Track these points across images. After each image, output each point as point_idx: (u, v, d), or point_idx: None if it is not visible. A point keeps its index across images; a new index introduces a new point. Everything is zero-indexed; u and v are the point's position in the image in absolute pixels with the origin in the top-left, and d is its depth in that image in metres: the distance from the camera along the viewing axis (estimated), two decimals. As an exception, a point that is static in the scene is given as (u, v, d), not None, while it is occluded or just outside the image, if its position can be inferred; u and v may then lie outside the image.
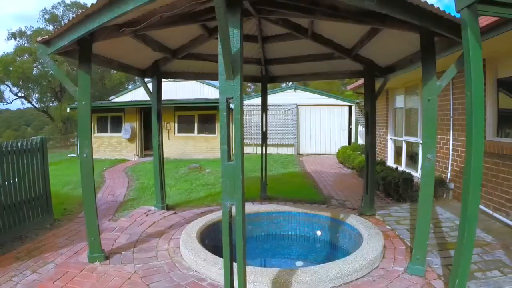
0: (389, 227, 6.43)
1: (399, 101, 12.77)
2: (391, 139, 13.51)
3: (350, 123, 21.18)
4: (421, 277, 4.44)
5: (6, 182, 6.17)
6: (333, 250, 6.51)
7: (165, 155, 19.49)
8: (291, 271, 4.32)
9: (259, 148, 19.82)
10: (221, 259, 3.81)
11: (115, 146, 20.81)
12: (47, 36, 4.56)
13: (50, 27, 43.78)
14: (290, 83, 23.53)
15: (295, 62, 8.00)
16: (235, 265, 3.39)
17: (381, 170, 9.75)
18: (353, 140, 20.93)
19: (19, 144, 6.51)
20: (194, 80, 8.57)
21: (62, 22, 44.46)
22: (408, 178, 8.50)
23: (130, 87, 43.85)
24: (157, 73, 7.60)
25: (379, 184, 9.33)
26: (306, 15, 4.78)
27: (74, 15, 4.00)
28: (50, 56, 4.64)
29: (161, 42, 6.57)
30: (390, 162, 13.39)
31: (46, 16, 44.54)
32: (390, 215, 7.19)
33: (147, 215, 7.44)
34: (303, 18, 5.47)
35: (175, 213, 7.66)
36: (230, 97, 3.23)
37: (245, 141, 19.69)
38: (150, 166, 15.94)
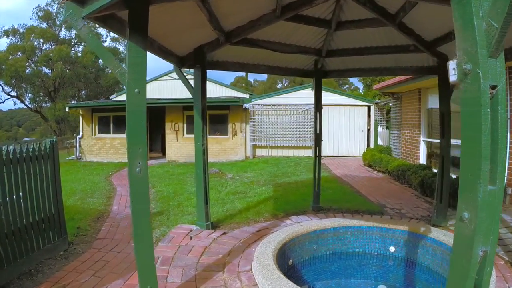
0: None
1: (436, 101, 11.60)
2: (423, 141, 12.80)
3: (368, 124, 19.97)
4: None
5: (8, 199, 4.68)
6: (414, 270, 5.71)
7: (173, 158, 18.52)
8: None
9: (275, 151, 19.06)
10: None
11: (118, 148, 19.28)
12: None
13: (44, 25, 42.52)
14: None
15: (359, 54, 7.03)
16: None
17: (432, 175, 9.01)
18: (371, 141, 19.76)
19: (24, 149, 5.01)
20: (240, 71, 7.50)
21: (56, 20, 43.44)
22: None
23: (125, 87, 42.49)
24: (201, 61, 6.09)
25: (432, 190, 8.51)
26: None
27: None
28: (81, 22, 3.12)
29: (218, 19, 5.17)
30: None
31: (40, 14, 43.40)
32: (462, 225, 6.07)
33: (191, 237, 5.92)
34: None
35: (224, 233, 6.16)
36: (494, 85, 1.76)
37: (259, 143, 18.41)
38: (161, 170, 14.54)
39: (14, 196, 4.77)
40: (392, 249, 6.00)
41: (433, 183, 8.43)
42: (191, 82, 6.08)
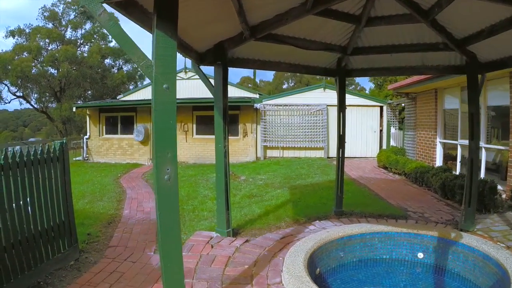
0: (503, 244, 5.44)
1: (453, 101, 11.90)
2: (440, 142, 12.43)
3: (381, 125, 19.66)
4: None
5: (15, 205, 4.30)
6: (443, 277, 5.52)
7: (182, 159, 18.11)
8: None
9: (286, 152, 18.62)
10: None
11: (125, 149, 18.91)
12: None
13: (50, 25, 42.34)
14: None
15: (386, 52, 6.69)
16: None
17: (453, 177, 8.71)
18: (383, 142, 19.39)
19: (32, 152, 4.62)
20: (261, 69, 7.20)
21: (62, 20, 43.30)
22: (494, 186, 7.63)
23: (131, 87, 42.37)
24: (222, 58, 5.69)
25: (454, 193, 8.38)
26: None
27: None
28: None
29: (244, 12, 4.76)
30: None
31: (46, 14, 43.14)
32: (490, 229, 6.26)
33: (212, 245, 5.52)
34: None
35: (247, 240, 5.75)
36: None
37: (270, 144, 18.01)
38: (171, 172, 14.13)
39: (21, 203, 4.40)
40: (420, 255, 5.77)
41: (455, 185, 8.26)
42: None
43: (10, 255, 4.12)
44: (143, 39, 5.96)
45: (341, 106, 7.62)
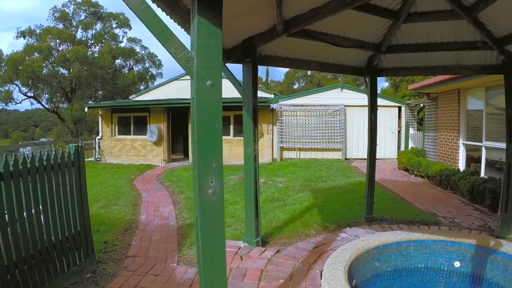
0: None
1: (477, 102, 11.49)
2: (462, 143, 12.01)
3: (399, 126, 19.18)
4: None
5: (26, 215, 3.90)
6: (481, 287, 5.29)
7: None
8: None
9: (302, 153, 18.15)
10: None
11: (139, 150, 18.55)
12: None
13: (61, 26, 42.37)
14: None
15: (422, 50, 6.35)
16: None
17: (482, 181, 8.38)
18: (402, 143, 18.90)
19: (45, 157, 4.22)
20: (289, 67, 6.88)
21: (73, 21, 43.39)
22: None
23: (142, 88, 42.25)
24: (251, 55, 5.26)
25: (484, 197, 8.04)
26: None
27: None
28: None
29: (282, 3, 4.33)
30: (461, 168, 11.82)
31: (56, 14, 43.22)
32: (529, 237, 5.84)
33: (241, 257, 5.09)
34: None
35: (278, 251, 5.33)
36: None
37: (287, 145, 17.56)
38: (186, 173, 13.77)
39: (33, 211, 4.01)
40: (457, 264, 5.54)
41: (485, 190, 7.93)
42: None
43: (22, 271, 3.73)
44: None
45: (373, 107, 7.18)
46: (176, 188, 10.97)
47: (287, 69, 72.65)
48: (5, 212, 3.60)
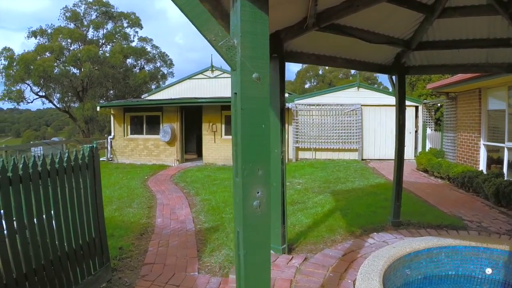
0: None
1: (499, 102, 11.34)
2: (483, 144, 11.75)
3: (416, 126, 18.81)
4: None
5: (36, 221, 3.60)
6: None
7: (211, 161, 17.40)
8: None
9: (318, 153, 17.76)
10: None
11: (151, 149, 18.28)
12: None
13: (72, 25, 42.44)
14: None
15: (454, 47, 6.11)
16: None
17: (508, 183, 8.14)
18: (419, 144, 18.51)
19: (56, 160, 3.90)
20: (315, 64, 6.66)
21: (84, 21, 43.44)
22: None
23: (153, 87, 42.12)
24: (278, 50, 4.93)
25: (510, 200, 7.89)
26: None
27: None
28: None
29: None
30: (482, 170, 11.49)
31: (67, 14, 43.29)
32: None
33: (268, 267, 4.81)
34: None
35: (305, 259, 5.01)
36: None
37: (302, 145, 17.22)
38: (200, 174, 13.48)
39: (44, 217, 3.71)
40: (489, 271, 5.32)
41: (511, 193, 7.79)
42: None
43: (33, 283, 3.43)
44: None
45: (401, 108, 6.87)
46: (191, 190, 10.67)
47: (298, 68, 72.24)
48: (13, 218, 3.31)
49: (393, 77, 6.99)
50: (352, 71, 75.32)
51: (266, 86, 1.92)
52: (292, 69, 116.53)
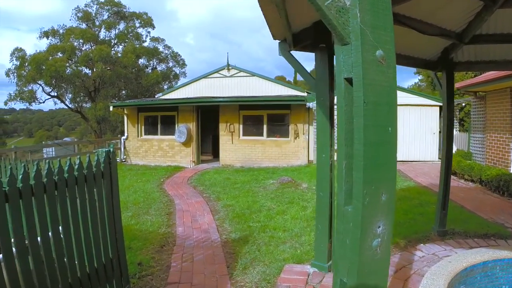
0: None
1: None
2: None
3: (439, 126, 17.95)
4: None
5: (40, 239, 2.95)
6: None
7: (228, 162, 16.72)
8: None
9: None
10: None
11: (166, 150, 17.69)
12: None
13: (84, 26, 42.29)
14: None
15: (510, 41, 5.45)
16: None
17: None
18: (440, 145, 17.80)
19: (65, 168, 3.26)
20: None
21: (96, 21, 43.29)
22: None
23: (165, 87, 41.72)
24: (326, 40, 4.30)
25: None
26: None
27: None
28: None
29: None
30: None
31: (79, 14, 43.18)
32: None
33: (313, 287, 4.15)
34: None
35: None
36: None
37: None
38: (219, 177, 12.84)
39: (51, 237, 3.09)
40: None
41: None
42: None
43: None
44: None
45: (449, 107, 6.32)
46: (211, 194, 10.03)
47: (312, 67, 71.38)
48: (11, 239, 2.69)
49: (435, 73, 6.43)
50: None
51: (393, 71, 1.28)
52: (307, 68, 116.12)
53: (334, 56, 4.35)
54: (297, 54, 4.73)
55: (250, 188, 10.46)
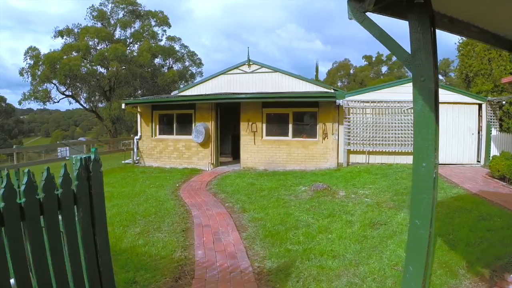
0: None
1: None
2: None
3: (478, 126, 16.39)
4: None
5: None
6: None
7: (250, 165, 14.92)
8: None
9: (372, 157, 15.37)
10: None
11: (182, 151, 16.32)
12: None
13: (99, 25, 41.83)
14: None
15: None
16: None
17: None
18: (482, 147, 16.18)
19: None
20: (445, 30, 5.09)
21: (111, 20, 42.74)
22: None
23: (181, 86, 40.64)
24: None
25: None
26: None
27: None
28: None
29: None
30: None
31: (94, 14, 42.91)
32: None
33: None
34: None
35: None
36: None
37: (354, 148, 14.98)
38: (241, 182, 11.40)
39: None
40: None
41: None
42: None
43: None
44: None
45: None
46: (235, 203, 8.53)
47: (330, 67, 70.23)
48: None
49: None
50: (383, 70, 72.57)
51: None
52: (321, 69, 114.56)
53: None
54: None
55: (280, 197, 8.99)
